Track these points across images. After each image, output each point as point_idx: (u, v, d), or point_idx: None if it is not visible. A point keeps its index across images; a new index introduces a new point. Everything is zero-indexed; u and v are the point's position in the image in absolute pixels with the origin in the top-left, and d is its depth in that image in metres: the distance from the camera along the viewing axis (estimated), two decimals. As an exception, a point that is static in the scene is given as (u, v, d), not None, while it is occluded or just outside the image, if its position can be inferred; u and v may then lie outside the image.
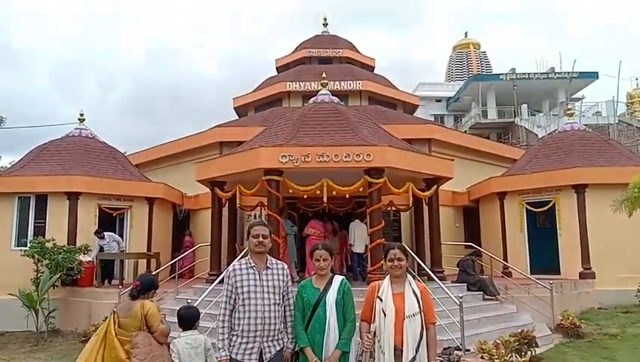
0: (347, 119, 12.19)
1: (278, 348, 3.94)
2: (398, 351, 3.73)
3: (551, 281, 11.43)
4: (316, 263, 4.06)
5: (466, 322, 8.89)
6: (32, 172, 14.16)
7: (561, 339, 10.08)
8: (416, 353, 3.71)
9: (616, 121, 34.82)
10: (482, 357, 7.09)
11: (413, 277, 4.27)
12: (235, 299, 3.92)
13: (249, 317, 3.84)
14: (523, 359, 6.46)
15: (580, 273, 13.41)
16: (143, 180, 16.01)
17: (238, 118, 23.03)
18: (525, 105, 39.16)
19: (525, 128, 38.06)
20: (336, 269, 10.61)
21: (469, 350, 8.02)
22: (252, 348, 3.83)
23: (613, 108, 35.38)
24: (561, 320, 10.63)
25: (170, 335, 4.46)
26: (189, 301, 9.02)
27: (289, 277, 4.18)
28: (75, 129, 16.06)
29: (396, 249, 4.00)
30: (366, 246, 12.16)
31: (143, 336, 4.12)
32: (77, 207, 13.76)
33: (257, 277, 3.95)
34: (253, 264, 4.00)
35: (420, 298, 3.87)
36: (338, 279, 4.09)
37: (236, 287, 3.92)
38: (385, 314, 3.80)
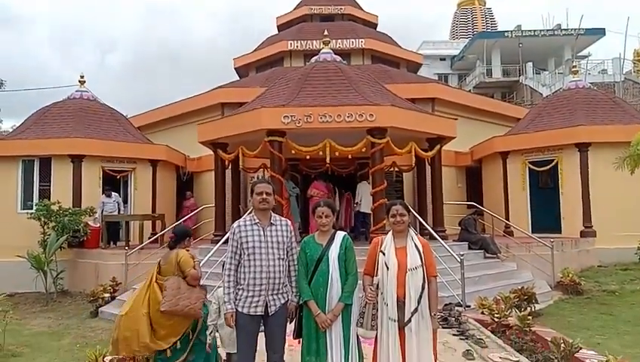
0: (350, 78, 12.06)
1: (282, 301, 4.02)
2: (400, 303, 3.83)
3: (552, 240, 11.55)
4: (318, 220, 4.13)
5: (467, 279, 9.05)
6: (34, 135, 14.16)
7: (560, 296, 10.27)
8: (418, 304, 3.81)
9: (622, 79, 34.34)
10: (482, 313, 7.23)
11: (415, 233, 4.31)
12: (241, 255, 3.99)
13: (254, 272, 3.92)
14: (522, 314, 6.56)
15: (580, 231, 13.50)
16: (145, 142, 16.01)
17: (239, 78, 22.79)
18: (530, 64, 38.55)
19: (530, 87, 37.60)
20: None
21: (469, 306, 8.18)
22: (257, 301, 3.91)
23: (619, 65, 34.82)
24: (561, 277, 10.80)
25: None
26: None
27: (293, 234, 4.23)
28: (77, 91, 15.94)
29: (398, 205, 4.11)
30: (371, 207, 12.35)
31: (173, 280, 4.51)
32: (81, 169, 13.80)
33: (262, 233, 4.01)
34: (257, 220, 4.06)
35: (422, 252, 3.96)
36: (340, 235, 4.17)
37: (241, 243, 3.99)
38: (388, 268, 3.91)
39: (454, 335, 6.57)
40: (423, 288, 3.86)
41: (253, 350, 4.02)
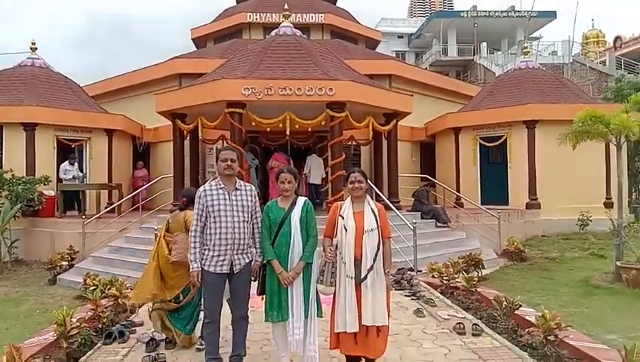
0: (310, 53, 12.21)
1: (247, 261, 4.27)
2: (357, 262, 4.10)
3: (499, 211, 12.20)
4: (281, 185, 4.34)
5: (419, 246, 9.54)
6: (-16, 102, 13.66)
7: (506, 263, 10.93)
8: (374, 262, 4.09)
9: (571, 61, 35.63)
10: (433, 276, 7.70)
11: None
12: (207, 217, 4.18)
13: (220, 233, 4.13)
14: (469, 276, 7.05)
15: (526, 203, 14.28)
16: (101, 112, 15.70)
17: (196, 49, 22.46)
18: (485, 44, 39.44)
19: (484, 66, 38.51)
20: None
21: (421, 271, 8.66)
22: (223, 260, 4.14)
23: (568, 48, 36.09)
24: (507, 245, 11.49)
25: None
26: (155, 229, 9.30)
27: (257, 198, 4.44)
28: (28, 58, 15.39)
29: (356, 172, 4.38)
30: (322, 178, 12.98)
31: (182, 236, 4.97)
32: (34, 138, 13.49)
33: (227, 197, 4.21)
34: (222, 185, 4.25)
35: (377, 215, 4.24)
36: (302, 200, 4.40)
37: (207, 206, 4.17)
38: (346, 230, 4.17)
39: (406, 296, 7.00)
40: (378, 248, 4.14)
41: (220, 304, 4.27)
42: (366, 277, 4.08)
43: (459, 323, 5.40)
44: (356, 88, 11.28)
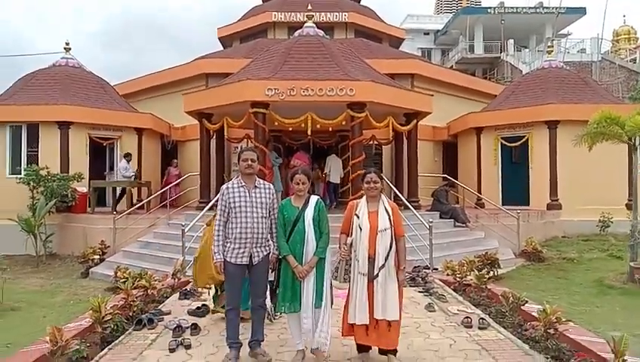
0: (332, 53, 12.51)
1: (265, 253, 4.60)
2: (371, 259, 4.32)
3: (518, 211, 12.31)
4: (295, 186, 4.60)
5: (436, 245, 9.76)
6: (21, 101, 14.32)
7: (523, 263, 11.06)
8: (386, 261, 4.31)
9: (600, 59, 35.09)
10: (447, 274, 7.93)
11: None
12: (229, 213, 4.53)
13: (240, 227, 4.47)
14: (480, 273, 7.25)
15: (547, 204, 14.32)
16: (131, 111, 16.29)
17: (223, 48, 22.97)
18: (512, 41, 39.09)
19: (511, 64, 38.18)
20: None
21: (436, 269, 8.90)
22: (243, 252, 4.48)
23: (597, 45, 35.52)
24: (525, 246, 11.60)
25: None
26: (182, 225, 9.75)
27: (275, 196, 4.76)
28: (62, 58, 16.07)
29: (372, 173, 4.58)
30: (340, 178, 13.50)
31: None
32: (68, 136, 14.11)
33: (247, 194, 4.54)
34: (243, 183, 4.58)
35: (391, 215, 4.44)
36: (314, 199, 4.65)
37: (229, 203, 4.52)
38: (361, 229, 4.39)
39: (420, 292, 7.27)
40: (390, 247, 4.34)
41: (240, 291, 4.62)
42: (378, 274, 4.29)
43: (467, 317, 5.66)
44: (376, 89, 11.55)
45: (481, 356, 4.65)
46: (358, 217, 4.46)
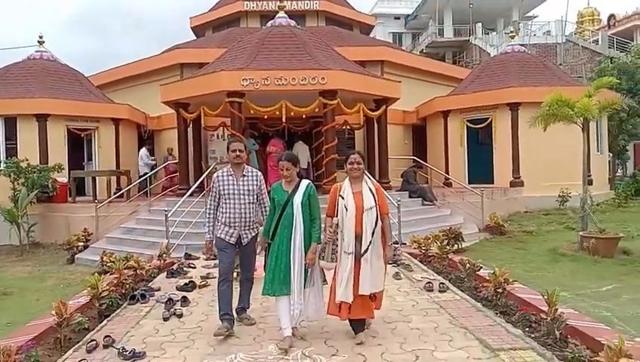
0: (304, 43, 13.01)
1: (252, 235, 5.05)
2: (358, 238, 4.44)
3: (482, 189, 13.09)
4: (281, 172, 4.70)
5: (405, 222, 10.46)
6: (-2, 95, 14.52)
7: (486, 236, 11.87)
8: (372, 237, 4.44)
9: (564, 41, 36.14)
10: (414, 248, 8.61)
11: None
12: (219, 199, 4.98)
13: (229, 212, 4.91)
14: (441, 245, 7.96)
15: (510, 182, 15.19)
16: (107, 102, 16.56)
17: (196, 37, 23.18)
18: (480, 24, 39.86)
19: (479, 47, 38.99)
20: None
21: (405, 243, 9.58)
22: (232, 233, 4.94)
23: (561, 27, 36.55)
24: (489, 221, 12.39)
25: None
26: (165, 210, 10.23)
27: (262, 182, 5.13)
28: (36, 52, 16.24)
29: (356, 154, 4.71)
30: (308, 163, 14.37)
31: None
32: (46, 128, 14.38)
33: (235, 182, 4.93)
34: (232, 172, 4.97)
35: (375, 194, 4.58)
36: (304, 183, 4.70)
37: (219, 190, 4.95)
38: (347, 209, 4.49)
39: (388, 264, 7.92)
40: (376, 224, 4.47)
41: (232, 263, 5.04)
42: (366, 251, 4.42)
43: (428, 282, 6.34)
44: (346, 77, 12.12)
45: (439, 313, 5.32)
46: (343, 198, 4.54)
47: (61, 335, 4.79)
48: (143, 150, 14.71)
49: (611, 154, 20.45)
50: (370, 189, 4.58)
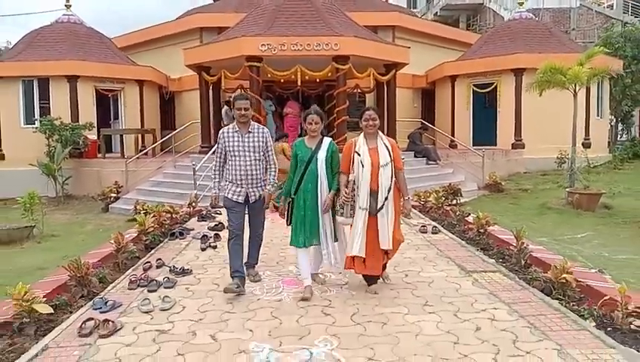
0: (318, 10, 13.78)
1: (261, 192, 5.01)
2: (374, 194, 4.47)
3: (484, 150, 13.98)
4: (309, 126, 4.70)
5: (409, 179, 11.30)
6: (31, 57, 15.48)
7: (484, 193, 12.84)
8: (388, 193, 4.47)
9: (578, 5, 36.04)
10: (414, 200, 9.61)
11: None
12: (226, 155, 4.94)
13: (235, 170, 4.87)
14: (437, 196, 8.97)
15: (512, 144, 16.02)
16: (131, 64, 17.47)
17: (213, 1, 23.79)
18: (495, -13, 39.69)
19: (493, 10, 38.96)
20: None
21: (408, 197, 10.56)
22: (240, 191, 4.90)
23: (575, -9, 36.34)
24: (488, 180, 13.33)
25: None
26: (193, 164, 11.30)
27: (270, 139, 5.07)
28: (64, 15, 17.11)
29: (371, 110, 4.65)
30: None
31: (281, 156, 8.28)
32: (76, 89, 15.37)
33: (241, 139, 4.87)
34: (237, 129, 4.90)
35: (390, 150, 4.56)
36: (327, 140, 4.78)
37: (225, 147, 4.91)
38: (363, 166, 4.48)
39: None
40: (391, 180, 4.50)
41: (241, 222, 4.97)
42: (382, 207, 4.46)
43: (423, 226, 7.39)
44: (358, 43, 12.93)
45: (429, 248, 6.38)
46: (359, 154, 4.51)
47: (119, 260, 5.91)
48: (226, 108, 15.46)
49: (614, 119, 21.09)
50: (385, 145, 4.57)
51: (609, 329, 3.76)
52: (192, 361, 3.37)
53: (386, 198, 4.46)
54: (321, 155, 4.66)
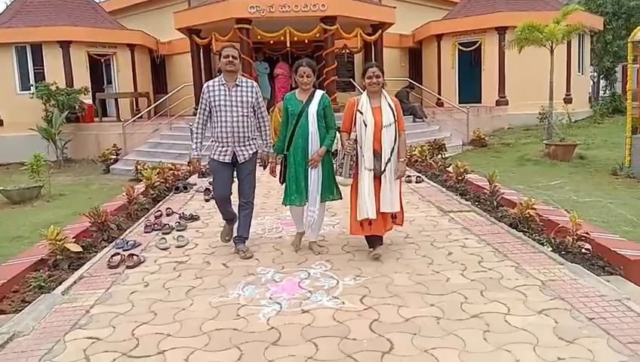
0: (305, -29, 14.02)
1: (250, 152, 4.57)
2: (377, 155, 4.25)
3: (468, 107, 14.54)
4: (300, 79, 4.43)
5: (396, 135, 11.99)
6: (22, 24, 15.64)
7: (469, 148, 13.48)
8: (391, 155, 4.27)
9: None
10: (401, 154, 10.19)
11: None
12: (210, 111, 4.51)
13: (221, 127, 4.43)
14: (421, 149, 9.58)
15: (496, 101, 16.59)
16: (122, 28, 17.66)
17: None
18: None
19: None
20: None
21: (394, 152, 11.17)
22: (226, 151, 4.48)
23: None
24: (472, 136, 13.94)
25: None
26: (190, 125, 11.75)
27: (260, 94, 4.66)
28: (51, -20, 17.15)
29: (374, 67, 4.35)
30: None
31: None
32: (69, 54, 15.63)
33: (227, 92, 4.42)
34: (224, 82, 4.45)
35: (394, 110, 4.31)
36: (319, 93, 4.53)
37: (210, 102, 4.46)
38: (366, 125, 4.23)
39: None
40: (395, 141, 4.28)
41: (226, 184, 4.61)
42: (385, 169, 4.26)
43: (408, 176, 8.00)
44: (345, 3, 13.32)
45: (412, 194, 7.02)
46: (361, 113, 4.27)
47: (131, 211, 6.49)
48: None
49: (596, 75, 21.66)
50: (389, 105, 4.32)
51: (562, 252, 4.42)
52: (209, 282, 4.00)
53: (389, 160, 4.26)
54: (313, 109, 4.43)
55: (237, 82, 4.48)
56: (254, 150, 4.61)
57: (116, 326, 3.28)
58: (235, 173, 4.64)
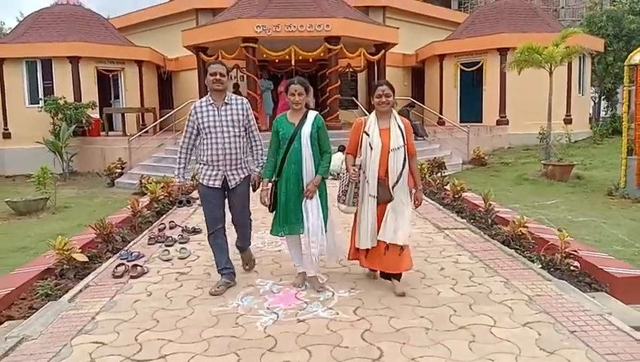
0: (311, -9, 14.41)
1: (242, 176, 4.24)
2: (381, 181, 3.94)
3: (469, 126, 14.75)
4: (291, 97, 4.06)
5: (396, 153, 12.19)
6: (34, 39, 16.04)
7: (468, 167, 13.65)
8: (398, 181, 3.94)
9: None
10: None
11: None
12: (198, 134, 4.17)
13: (211, 149, 4.08)
14: (423, 167, 9.74)
15: (496, 120, 16.80)
16: (130, 45, 18.04)
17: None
18: (486, -35, 40.07)
19: (484, -11, 39.44)
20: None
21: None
22: (216, 175, 4.15)
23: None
24: (473, 154, 14.12)
25: None
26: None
27: (250, 111, 4.33)
28: (62, -3, 17.64)
29: (384, 85, 4.03)
30: (314, 103, 15.76)
31: None
32: (78, 69, 15.98)
33: (216, 112, 4.10)
34: (212, 101, 4.13)
35: (404, 132, 4.00)
36: (312, 114, 4.15)
37: (198, 123, 4.11)
38: (372, 148, 3.94)
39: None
40: (403, 166, 3.96)
41: (220, 213, 4.29)
42: (392, 195, 3.96)
43: (406, 193, 8.17)
44: (349, 24, 13.61)
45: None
46: (368, 135, 4.00)
47: (135, 223, 6.68)
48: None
49: (597, 96, 21.88)
50: (399, 127, 4.00)
51: (552, 269, 4.57)
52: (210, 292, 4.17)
53: (395, 184, 3.94)
54: (306, 131, 4.04)
55: (226, 100, 4.17)
56: (246, 173, 4.30)
57: (120, 332, 3.45)
58: (226, 198, 4.31)
